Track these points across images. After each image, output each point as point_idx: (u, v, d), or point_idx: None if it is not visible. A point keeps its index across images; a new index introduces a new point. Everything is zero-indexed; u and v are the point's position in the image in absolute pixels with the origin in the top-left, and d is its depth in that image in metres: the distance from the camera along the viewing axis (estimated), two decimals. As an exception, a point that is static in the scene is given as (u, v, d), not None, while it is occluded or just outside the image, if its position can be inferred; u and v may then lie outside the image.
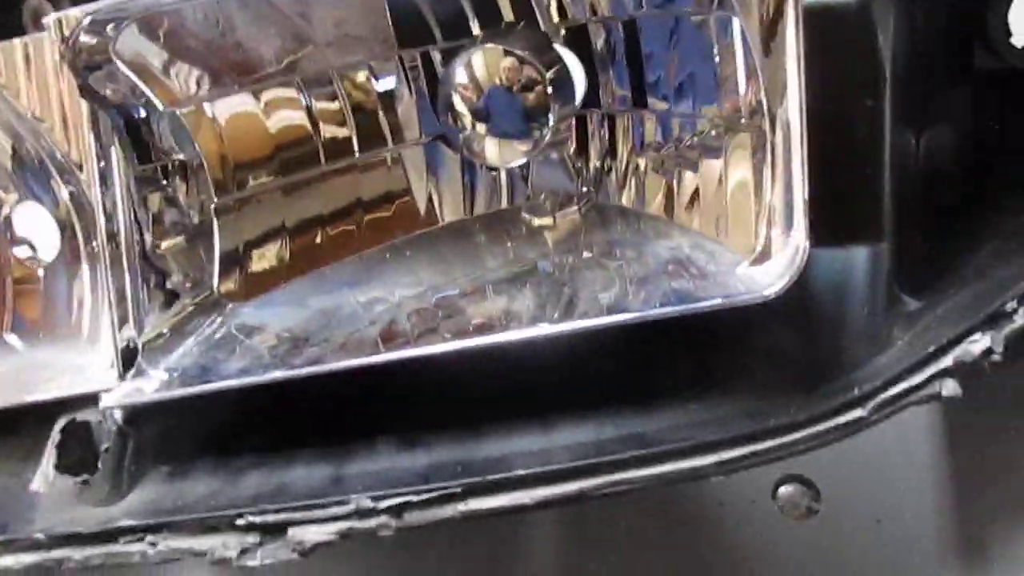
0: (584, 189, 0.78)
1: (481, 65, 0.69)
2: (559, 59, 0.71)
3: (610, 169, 0.79)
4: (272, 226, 0.76)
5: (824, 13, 0.65)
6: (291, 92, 0.76)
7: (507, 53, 0.69)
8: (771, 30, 0.59)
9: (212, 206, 0.72)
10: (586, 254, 0.73)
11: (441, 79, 0.76)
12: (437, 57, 0.77)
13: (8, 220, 0.78)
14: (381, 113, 0.78)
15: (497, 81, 0.69)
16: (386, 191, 0.79)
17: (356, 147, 0.78)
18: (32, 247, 0.78)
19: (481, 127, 0.71)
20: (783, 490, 0.79)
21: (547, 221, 0.77)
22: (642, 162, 0.77)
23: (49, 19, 0.60)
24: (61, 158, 0.68)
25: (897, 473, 0.81)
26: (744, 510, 0.80)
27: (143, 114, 0.71)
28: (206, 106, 0.72)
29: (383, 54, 0.77)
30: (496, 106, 0.70)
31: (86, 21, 0.61)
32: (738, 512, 0.80)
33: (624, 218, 0.77)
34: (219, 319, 0.71)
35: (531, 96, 0.70)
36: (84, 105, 0.64)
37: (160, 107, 0.68)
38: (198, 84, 0.70)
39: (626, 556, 0.80)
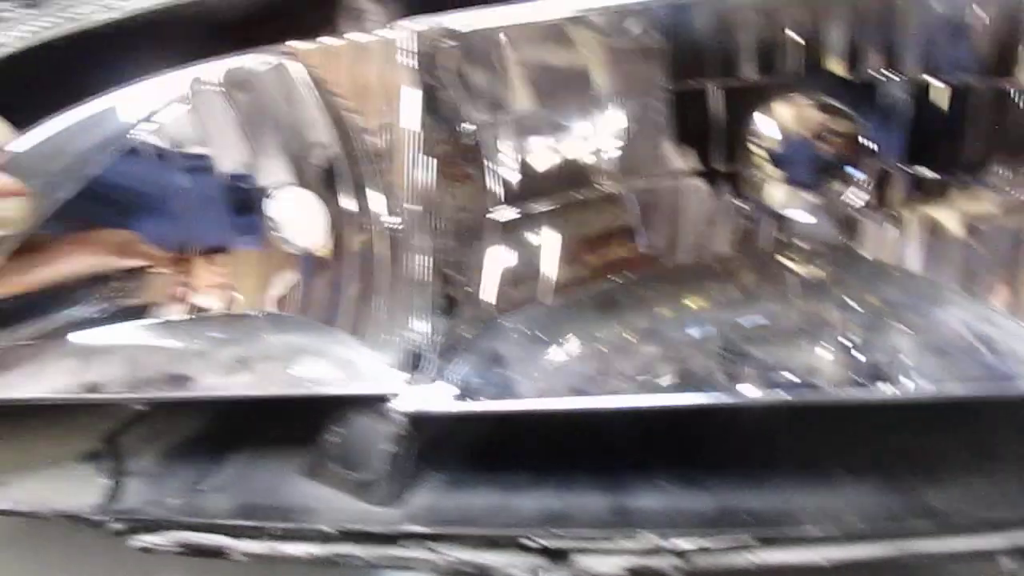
0: (842, 239, 0.78)
1: (788, 112, 0.69)
2: (858, 113, 0.71)
3: (871, 221, 0.78)
4: (539, 245, 0.76)
5: None
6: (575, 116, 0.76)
7: (819, 105, 0.68)
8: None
9: (488, 218, 0.73)
10: (861, 308, 0.72)
11: (713, 118, 0.76)
12: (715, 94, 0.77)
13: (267, 203, 0.79)
14: (648, 144, 0.78)
15: (802, 131, 0.69)
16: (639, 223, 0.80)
17: (622, 174, 0.78)
18: (292, 233, 0.79)
19: (773, 171, 0.71)
20: (1007, 561, 0.79)
21: (804, 267, 0.77)
22: (911, 218, 0.76)
23: (402, 26, 0.61)
24: (362, 152, 0.69)
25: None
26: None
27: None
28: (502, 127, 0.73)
29: (654, 87, 0.77)
30: (794, 154, 0.70)
31: (431, 31, 0.62)
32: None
33: (887, 275, 0.76)
34: (493, 332, 0.72)
35: (830, 148, 0.70)
36: (409, 108, 0.65)
37: (473, 121, 0.68)
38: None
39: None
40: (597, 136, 0.77)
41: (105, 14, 0.68)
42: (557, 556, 0.62)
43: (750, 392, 0.62)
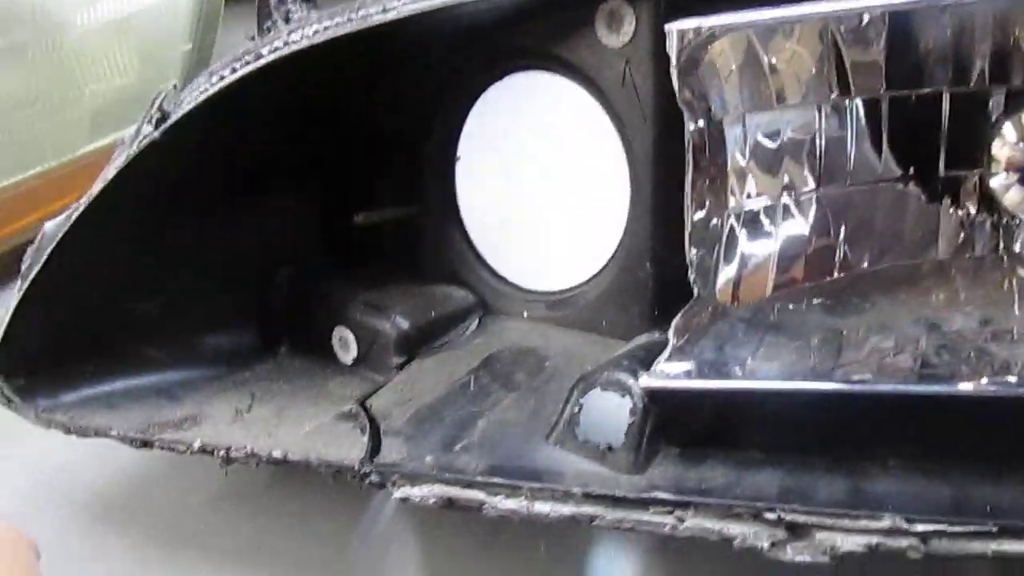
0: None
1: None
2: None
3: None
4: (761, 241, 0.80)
5: None
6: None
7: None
8: None
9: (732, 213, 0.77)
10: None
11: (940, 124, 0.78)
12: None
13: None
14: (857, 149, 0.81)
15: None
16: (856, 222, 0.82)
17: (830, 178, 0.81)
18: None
19: (1013, 175, 0.73)
20: None
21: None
22: None
23: (671, 27, 0.67)
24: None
25: None
26: None
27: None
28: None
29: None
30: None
31: (700, 31, 0.66)
32: None
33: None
34: (726, 320, 0.76)
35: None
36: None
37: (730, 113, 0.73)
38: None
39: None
40: (809, 139, 0.81)
41: (382, 15, 0.75)
42: (799, 530, 0.65)
43: (978, 386, 0.64)
